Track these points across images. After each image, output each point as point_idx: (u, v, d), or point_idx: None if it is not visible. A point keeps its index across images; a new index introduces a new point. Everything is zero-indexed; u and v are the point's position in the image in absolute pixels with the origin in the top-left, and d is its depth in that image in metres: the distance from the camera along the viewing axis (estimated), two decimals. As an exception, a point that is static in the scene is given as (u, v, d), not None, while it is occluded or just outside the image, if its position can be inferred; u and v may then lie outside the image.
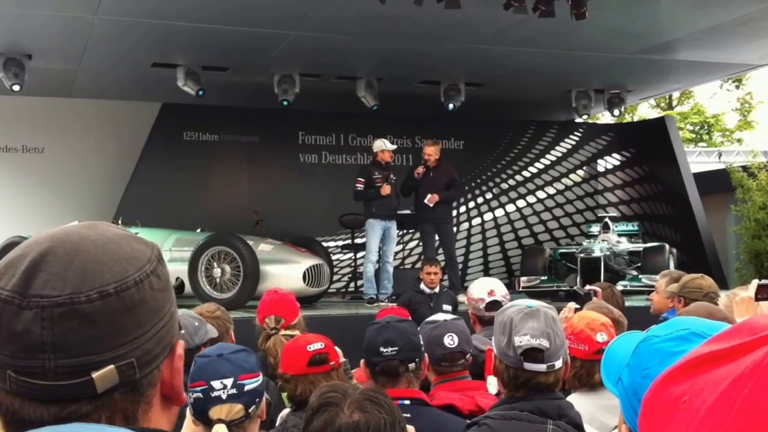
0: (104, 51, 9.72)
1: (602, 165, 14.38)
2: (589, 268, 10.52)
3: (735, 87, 26.22)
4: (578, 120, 13.72)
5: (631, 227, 12.60)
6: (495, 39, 9.50)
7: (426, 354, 2.84)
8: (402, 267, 12.00)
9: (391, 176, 9.36)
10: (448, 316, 3.35)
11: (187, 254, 8.48)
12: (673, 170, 13.46)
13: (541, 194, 13.93)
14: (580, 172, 14.22)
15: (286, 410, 2.92)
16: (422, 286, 7.38)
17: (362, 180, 9.32)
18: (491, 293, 4.35)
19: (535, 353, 2.28)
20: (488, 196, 13.65)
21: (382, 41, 9.46)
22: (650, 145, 13.94)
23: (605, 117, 17.56)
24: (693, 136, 26.97)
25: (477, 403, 2.94)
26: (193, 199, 11.81)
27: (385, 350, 2.68)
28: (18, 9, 8.18)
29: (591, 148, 14.30)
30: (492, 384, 2.96)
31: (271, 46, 9.63)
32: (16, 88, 9.68)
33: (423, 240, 9.97)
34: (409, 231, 12.18)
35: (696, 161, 18.95)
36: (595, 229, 11.97)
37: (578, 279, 10.39)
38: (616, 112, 12.87)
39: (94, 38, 9.13)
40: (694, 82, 14.12)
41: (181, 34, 9.13)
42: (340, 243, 12.02)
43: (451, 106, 11.53)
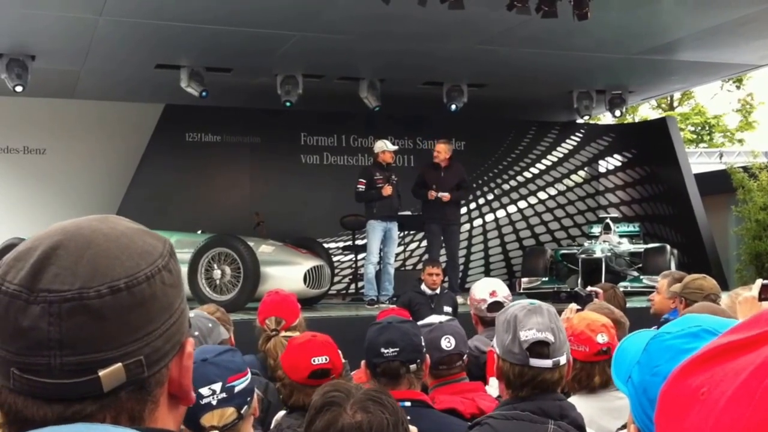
0: (108, 52, 9.71)
1: (603, 166, 14.37)
2: (590, 269, 10.52)
3: (736, 88, 26.19)
4: (579, 121, 13.72)
5: (632, 228, 12.60)
6: (498, 40, 9.50)
7: (427, 355, 2.83)
8: (403, 268, 11.96)
9: (393, 177, 9.33)
10: (443, 318, 3.33)
11: (188, 256, 8.45)
12: (674, 171, 13.45)
13: (543, 195, 13.91)
14: (582, 173, 14.20)
15: (281, 413, 2.92)
16: (423, 287, 7.34)
17: (364, 181, 9.29)
18: (493, 294, 4.35)
19: (541, 348, 2.27)
20: (489, 197, 13.64)
21: (386, 42, 9.45)
22: (651, 146, 13.93)
23: (606, 118, 17.57)
24: (694, 137, 26.93)
25: (478, 406, 2.92)
26: (195, 200, 11.79)
27: (386, 351, 2.66)
28: (22, 10, 8.17)
29: (592, 149, 14.29)
30: (494, 386, 2.95)
31: (275, 47, 9.63)
32: (19, 89, 9.65)
33: (429, 241, 9.91)
34: (411, 232, 12.17)
35: (697, 162, 18.92)
36: (597, 230, 11.97)
37: (579, 280, 10.39)
38: (618, 113, 12.86)
39: (98, 39, 9.12)
40: (696, 83, 14.11)
41: (185, 36, 9.12)
42: (341, 244, 12.01)
43: (454, 107, 11.52)
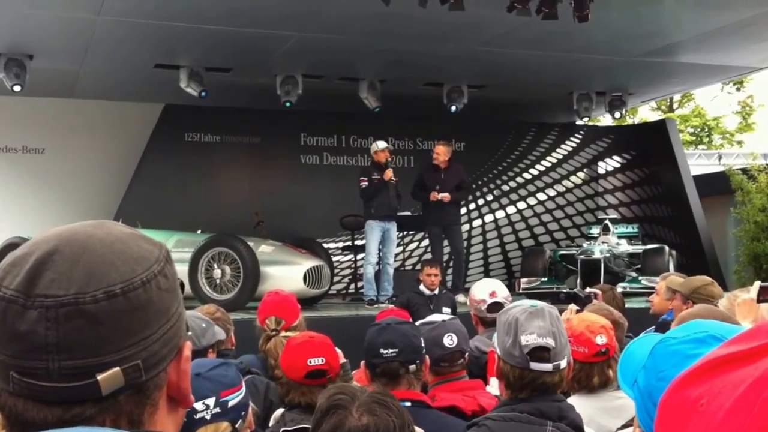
0: (107, 52, 9.70)
1: (602, 167, 14.37)
2: (589, 270, 10.53)
3: (736, 90, 26.20)
4: (579, 122, 13.72)
5: (631, 229, 12.60)
6: (498, 41, 9.50)
7: (427, 356, 2.84)
8: (402, 269, 11.98)
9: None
10: (446, 316, 3.35)
11: (188, 255, 8.47)
12: (673, 172, 13.45)
13: (542, 196, 13.91)
14: (581, 174, 14.20)
15: (280, 410, 2.93)
16: (422, 288, 7.35)
17: (365, 178, 9.34)
18: (493, 294, 4.36)
19: (542, 352, 2.26)
20: (489, 198, 13.64)
21: (386, 43, 9.46)
22: (651, 148, 13.93)
23: (606, 119, 17.57)
24: (693, 139, 26.94)
25: (479, 403, 2.94)
26: (195, 200, 11.77)
27: (386, 352, 2.67)
28: (21, 9, 8.16)
29: (591, 150, 14.29)
30: (494, 386, 2.95)
31: (275, 47, 9.62)
32: (17, 89, 9.65)
33: (431, 243, 10.00)
34: (410, 233, 12.18)
35: (696, 164, 18.96)
36: (596, 231, 11.97)
37: (578, 281, 10.40)
38: (617, 115, 12.86)
39: (97, 39, 9.12)
40: (696, 85, 14.12)
41: (185, 36, 9.12)
42: (341, 244, 12.02)
43: (454, 108, 11.53)
